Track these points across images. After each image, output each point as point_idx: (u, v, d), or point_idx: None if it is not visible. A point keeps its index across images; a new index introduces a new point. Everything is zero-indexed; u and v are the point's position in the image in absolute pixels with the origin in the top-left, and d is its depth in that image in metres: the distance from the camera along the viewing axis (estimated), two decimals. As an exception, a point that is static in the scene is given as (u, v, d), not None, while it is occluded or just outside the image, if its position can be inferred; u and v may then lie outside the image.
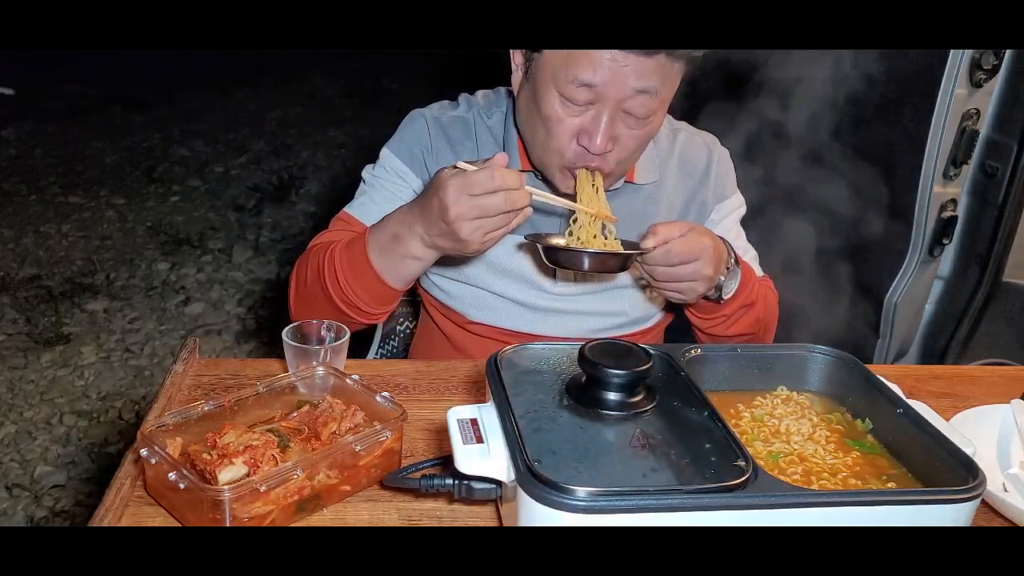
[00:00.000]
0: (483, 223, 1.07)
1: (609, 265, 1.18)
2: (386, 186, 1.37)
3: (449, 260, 1.33)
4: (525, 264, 1.36)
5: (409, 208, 1.15)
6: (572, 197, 1.23)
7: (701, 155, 1.42)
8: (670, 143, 1.42)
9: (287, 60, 6.60)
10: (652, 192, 1.39)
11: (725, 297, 1.25)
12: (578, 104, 1.17)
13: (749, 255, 1.43)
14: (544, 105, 1.19)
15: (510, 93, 1.40)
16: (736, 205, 1.45)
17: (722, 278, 1.23)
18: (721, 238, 1.25)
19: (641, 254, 1.16)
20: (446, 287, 1.39)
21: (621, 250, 1.19)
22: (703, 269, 1.17)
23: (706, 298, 1.26)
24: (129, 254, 3.82)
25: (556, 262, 1.18)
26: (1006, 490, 0.99)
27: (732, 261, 1.24)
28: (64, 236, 3.96)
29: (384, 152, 1.40)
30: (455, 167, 1.08)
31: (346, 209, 1.39)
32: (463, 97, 1.43)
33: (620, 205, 1.36)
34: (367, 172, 1.41)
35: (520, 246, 1.34)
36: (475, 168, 1.06)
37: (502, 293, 1.36)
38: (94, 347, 3.08)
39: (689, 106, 1.54)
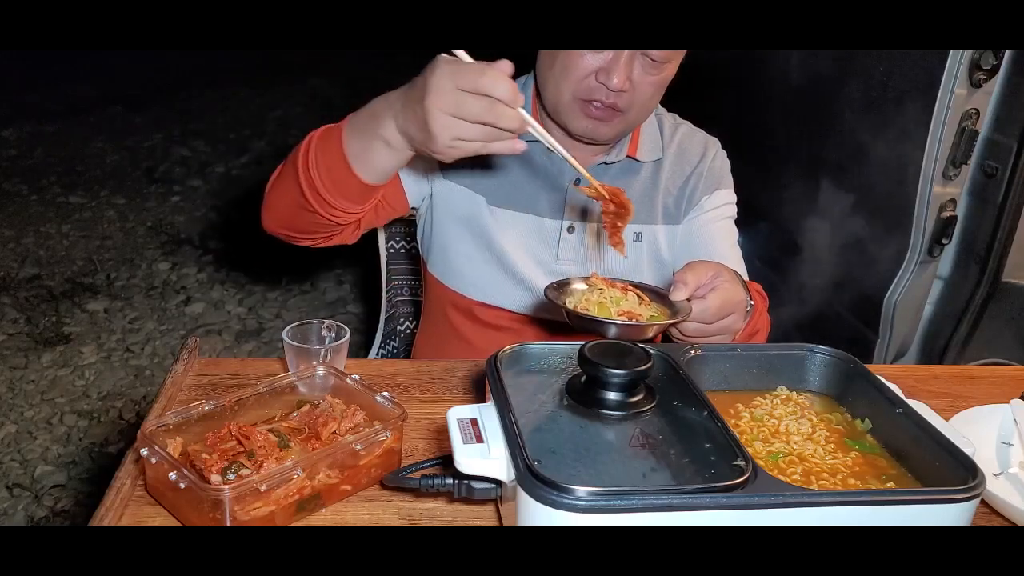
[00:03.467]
0: (457, 124, 0.96)
1: (643, 334, 1.08)
2: None
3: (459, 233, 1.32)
4: (530, 233, 1.38)
5: (398, 90, 1.06)
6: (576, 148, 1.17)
7: (698, 147, 1.46)
8: (672, 132, 1.46)
9: (287, 60, 6.60)
10: (652, 174, 1.42)
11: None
12: None
13: (733, 254, 1.44)
14: None
15: (524, 81, 1.43)
16: (729, 200, 1.47)
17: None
18: (735, 271, 1.22)
19: (677, 323, 1.08)
20: (451, 261, 1.41)
21: (661, 320, 1.09)
22: (735, 324, 1.15)
23: None
24: (130, 254, 3.82)
25: (581, 327, 1.08)
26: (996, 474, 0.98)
27: (749, 302, 1.21)
28: (64, 236, 3.96)
29: None
30: (452, 53, 0.98)
31: None
32: None
33: (621, 185, 1.39)
34: None
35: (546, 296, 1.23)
36: (471, 60, 0.97)
37: (505, 267, 1.38)
38: (94, 347, 3.08)
39: (688, 104, 1.55)
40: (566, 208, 1.38)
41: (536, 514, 0.74)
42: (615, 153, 1.38)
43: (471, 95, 0.95)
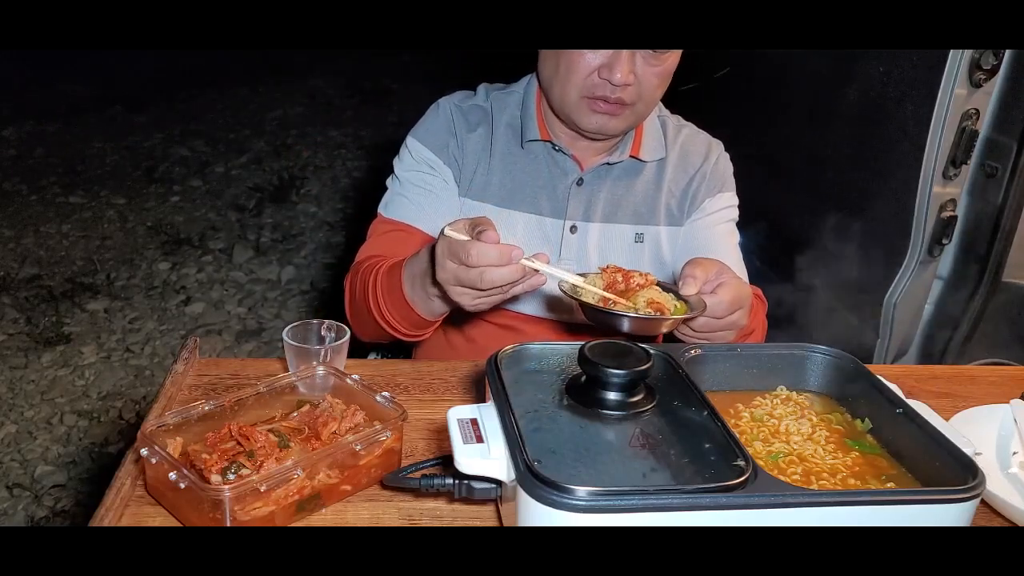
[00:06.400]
0: (468, 291, 1.07)
1: (658, 328, 1.10)
2: (416, 181, 1.39)
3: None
4: (532, 233, 1.39)
5: (427, 257, 1.16)
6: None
7: (701, 148, 1.46)
8: (675, 134, 1.46)
9: (287, 60, 6.60)
10: (655, 175, 1.42)
11: None
12: None
13: (734, 257, 1.43)
14: None
15: (528, 80, 1.45)
16: (731, 203, 1.47)
17: None
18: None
19: (694, 317, 1.08)
20: None
21: (677, 314, 1.08)
22: (741, 320, 1.15)
23: None
24: (130, 254, 3.82)
25: (598, 321, 1.08)
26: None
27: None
28: (64, 236, 3.96)
29: (409, 141, 1.43)
30: (443, 233, 1.06)
31: (382, 212, 1.42)
32: (481, 86, 1.48)
33: (625, 186, 1.40)
34: (397, 167, 1.43)
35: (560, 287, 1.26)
36: (461, 238, 1.03)
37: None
38: (94, 347, 3.08)
39: (689, 104, 1.55)
40: (568, 208, 1.38)
41: (536, 514, 0.74)
42: (618, 153, 1.38)
43: (465, 268, 1.03)
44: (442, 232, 1.06)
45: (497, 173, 1.39)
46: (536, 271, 1.04)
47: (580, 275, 1.13)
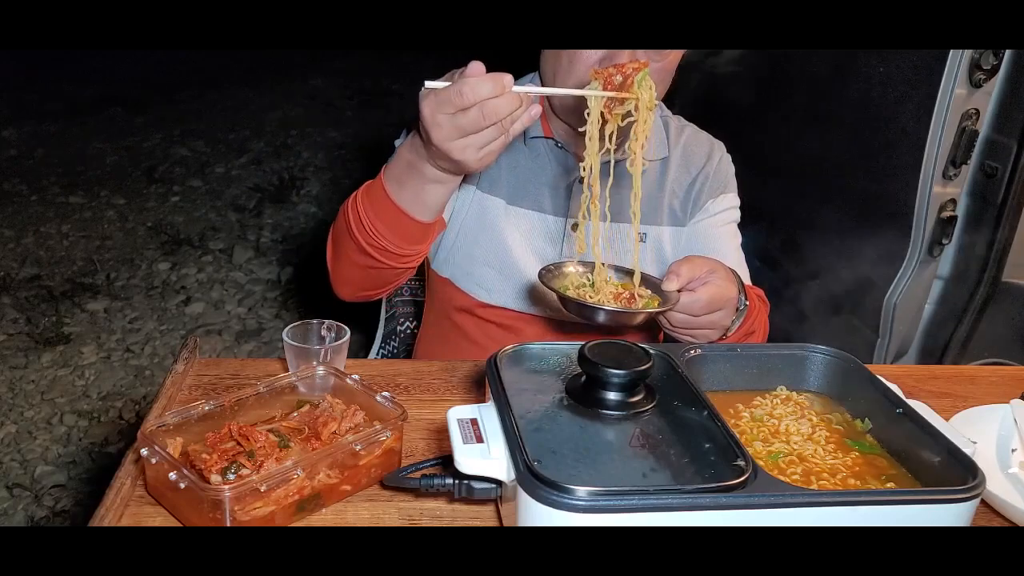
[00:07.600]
0: (471, 140, 1.01)
1: (631, 320, 1.14)
2: None
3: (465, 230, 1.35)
4: (535, 230, 1.39)
5: (412, 135, 1.12)
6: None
7: (703, 149, 1.46)
8: (677, 133, 1.46)
9: (287, 60, 6.60)
10: (658, 174, 1.42)
11: (728, 334, 1.24)
12: None
13: (736, 258, 1.43)
14: None
15: (531, 78, 1.44)
16: (733, 204, 1.47)
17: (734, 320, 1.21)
18: (733, 271, 1.23)
19: (665, 311, 1.12)
20: (457, 261, 1.41)
21: (645, 308, 1.13)
22: (722, 320, 1.16)
23: None
24: (130, 254, 3.82)
25: (576, 313, 1.13)
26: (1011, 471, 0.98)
27: (743, 301, 1.21)
28: (64, 236, 3.96)
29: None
30: (425, 87, 1.01)
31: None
32: None
33: (625, 184, 1.39)
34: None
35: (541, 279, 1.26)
36: (445, 84, 0.99)
37: (510, 265, 1.38)
38: (94, 347, 3.08)
39: (690, 104, 1.55)
40: (571, 206, 1.38)
41: (536, 514, 0.74)
42: (620, 152, 1.38)
43: (463, 113, 0.98)
44: (421, 95, 1.01)
45: (503, 168, 1.39)
46: (531, 98, 1.02)
47: (559, 264, 1.21)
